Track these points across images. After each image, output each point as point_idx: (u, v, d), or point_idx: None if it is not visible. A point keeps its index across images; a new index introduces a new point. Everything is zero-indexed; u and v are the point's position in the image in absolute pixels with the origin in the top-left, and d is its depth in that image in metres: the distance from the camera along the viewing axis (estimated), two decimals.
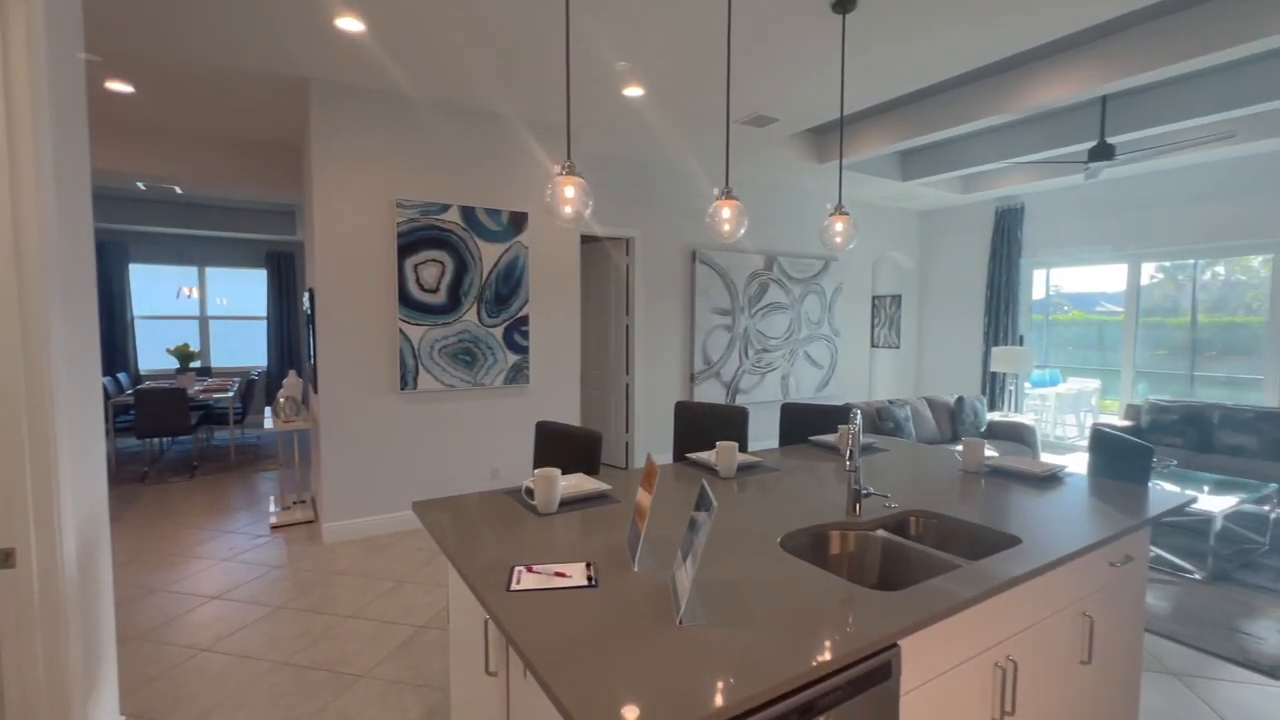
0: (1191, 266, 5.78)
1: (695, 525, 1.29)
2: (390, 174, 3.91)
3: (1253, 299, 5.46)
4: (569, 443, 2.51)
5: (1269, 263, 5.28)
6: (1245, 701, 2.30)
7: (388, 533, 4.05)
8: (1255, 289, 5.44)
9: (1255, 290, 5.44)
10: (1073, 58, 3.80)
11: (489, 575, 1.42)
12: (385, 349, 3.96)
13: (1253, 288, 5.46)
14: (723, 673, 1.03)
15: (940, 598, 1.30)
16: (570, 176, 2.09)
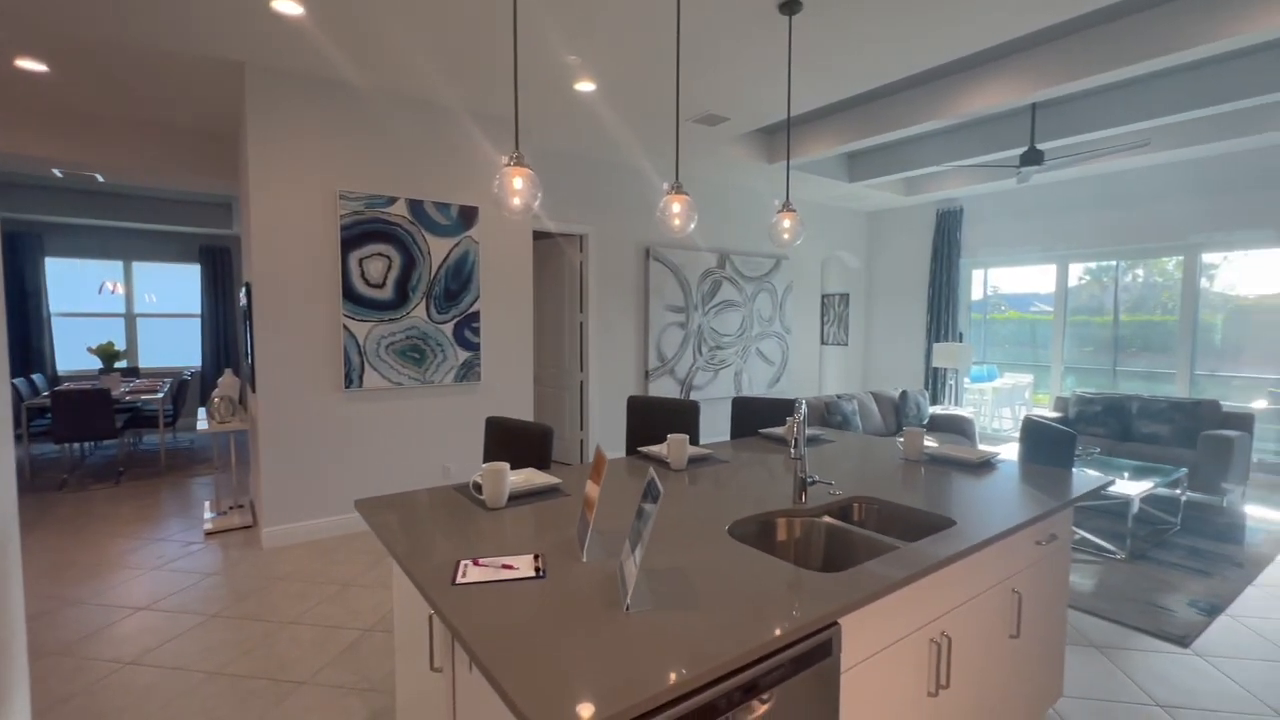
0: (1114, 269, 6.15)
1: (643, 514, 1.30)
2: (332, 165, 3.78)
3: (1167, 299, 5.86)
4: (520, 438, 2.48)
5: (1181, 265, 5.67)
6: (1158, 669, 2.47)
7: (332, 536, 3.91)
8: (1170, 290, 5.83)
9: (1169, 291, 5.84)
10: (1004, 67, 3.99)
11: (434, 571, 1.39)
12: (328, 346, 3.82)
13: (1167, 289, 5.86)
14: (668, 656, 1.04)
15: (878, 578, 1.35)
16: (518, 168, 2.07)
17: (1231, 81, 4.00)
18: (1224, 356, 5.53)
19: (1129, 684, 2.37)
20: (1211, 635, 2.73)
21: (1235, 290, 5.48)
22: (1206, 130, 4.84)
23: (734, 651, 1.05)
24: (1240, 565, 3.45)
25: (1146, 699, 2.28)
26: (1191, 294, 5.58)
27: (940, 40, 3.29)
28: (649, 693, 0.94)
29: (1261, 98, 3.95)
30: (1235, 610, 2.96)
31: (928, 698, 1.52)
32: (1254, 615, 2.91)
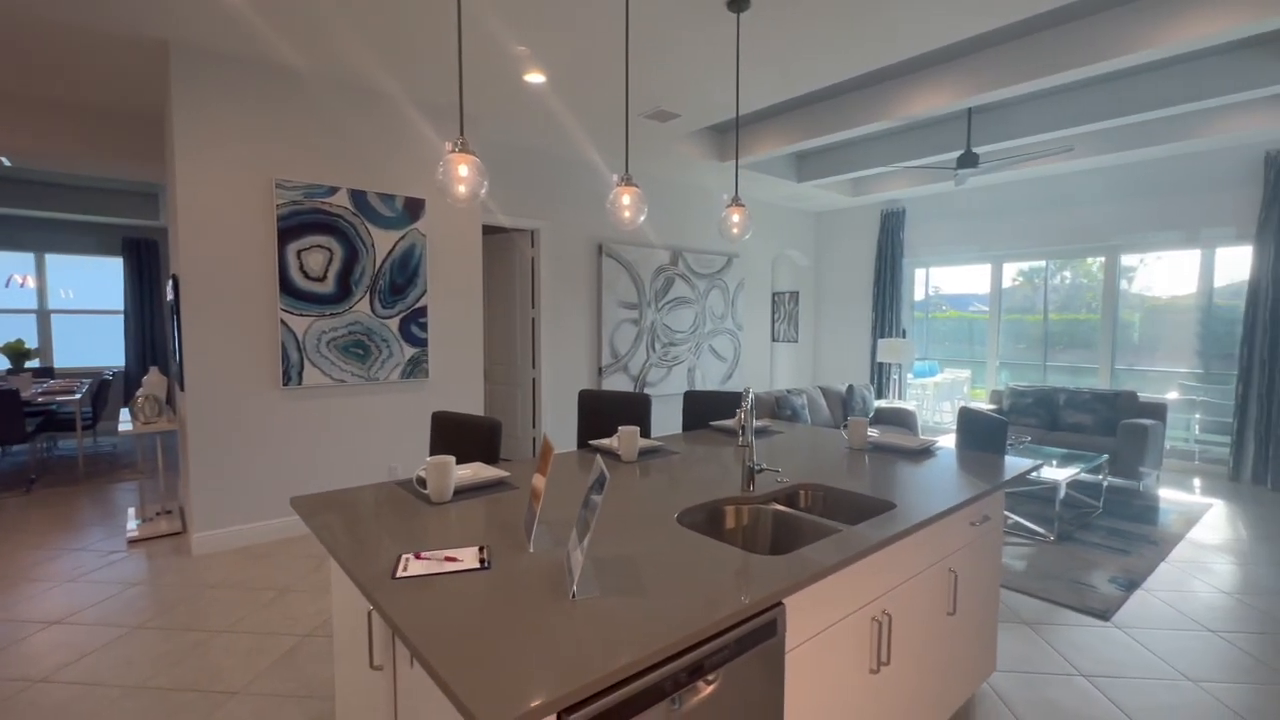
0: (1044, 270, 6.49)
1: (590, 503, 1.29)
2: (268, 152, 3.61)
3: (1091, 299, 6.23)
4: (468, 432, 2.42)
5: (1103, 267, 6.03)
6: (1082, 641, 2.62)
7: (270, 540, 3.74)
8: (1094, 290, 6.20)
9: (1093, 291, 6.21)
10: (942, 72, 4.15)
11: (373, 566, 1.34)
12: (265, 341, 3.65)
13: (1091, 290, 6.23)
14: (614, 640, 1.03)
15: (821, 559, 1.37)
16: (463, 154, 2.02)
17: (1147, 92, 4.28)
18: (1141, 352, 5.91)
19: (1056, 656, 2.50)
20: (1129, 608, 2.91)
21: (1150, 291, 5.88)
22: (1125, 138, 5.17)
23: (679, 634, 1.05)
24: (1155, 543, 3.70)
25: (1072, 669, 2.41)
26: (1112, 293, 5.95)
27: (882, 43, 3.39)
28: (593, 677, 0.93)
29: (1173, 108, 4.24)
30: (1150, 585, 3.17)
31: (869, 674, 1.56)
32: (1166, 589, 3.12)
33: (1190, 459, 5.60)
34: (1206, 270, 5.52)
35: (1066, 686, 2.30)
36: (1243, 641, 2.62)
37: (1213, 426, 5.60)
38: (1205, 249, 5.47)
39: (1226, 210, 5.22)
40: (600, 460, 1.34)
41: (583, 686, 0.91)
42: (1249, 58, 3.93)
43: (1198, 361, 5.62)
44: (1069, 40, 3.59)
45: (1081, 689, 2.29)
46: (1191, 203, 5.38)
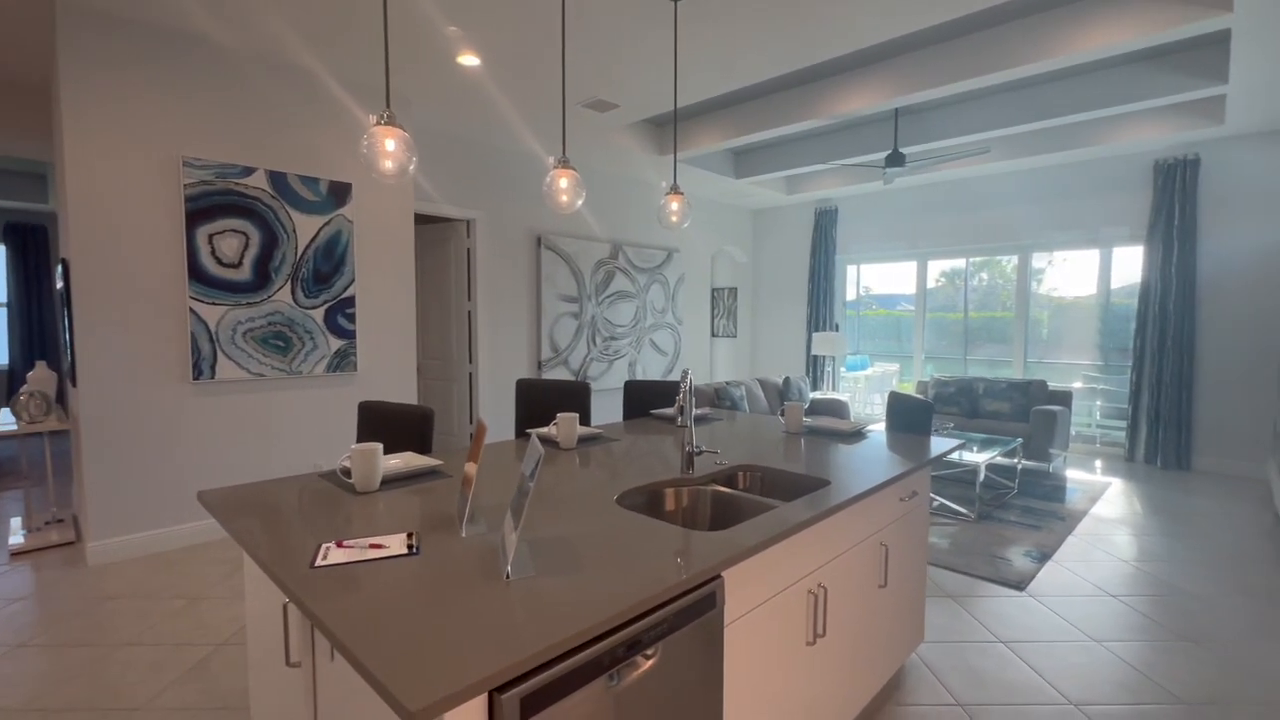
0: (964, 271, 6.87)
1: (525, 483, 1.24)
2: (175, 127, 3.34)
3: (1005, 298, 6.65)
4: (398, 422, 2.31)
5: (1016, 269, 6.43)
6: (1001, 611, 2.77)
7: (179, 547, 3.46)
8: (1007, 290, 6.62)
9: (1007, 291, 6.62)
10: (871, 73, 4.31)
11: (290, 556, 1.25)
12: (171, 332, 3.37)
13: (1006, 289, 6.65)
14: (549, 617, 0.99)
15: (759, 532, 1.38)
16: (390, 127, 1.92)
17: (1053, 100, 4.59)
18: (1049, 346, 6.35)
19: (978, 626, 2.64)
20: (1042, 579, 3.10)
21: (1056, 291, 6.33)
22: (1034, 144, 5.53)
23: (616, 608, 1.02)
24: (1063, 519, 3.97)
25: (992, 637, 2.54)
26: (1024, 290, 6.36)
27: (813, 40, 3.48)
28: (524, 654, 0.89)
29: (1075, 116, 4.56)
30: (1059, 557, 3.39)
31: (806, 646, 1.58)
32: (1074, 560, 3.35)
33: (1092, 442, 6.06)
34: (1104, 270, 5.98)
35: (988, 653, 2.42)
36: (1139, 604, 2.84)
37: (1111, 412, 6.08)
38: (1104, 249, 5.93)
39: (1122, 214, 5.68)
40: (535, 439, 1.30)
41: (514, 664, 0.87)
42: (1140, 72, 4.28)
43: (1097, 354, 6.08)
44: (986, 46, 3.80)
45: (1001, 654, 2.42)
46: (1092, 206, 5.82)
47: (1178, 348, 5.26)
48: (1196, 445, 5.31)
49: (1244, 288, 5.09)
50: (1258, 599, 2.90)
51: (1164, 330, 5.35)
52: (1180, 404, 5.27)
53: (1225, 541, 3.63)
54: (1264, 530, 3.84)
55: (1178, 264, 5.24)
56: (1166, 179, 5.30)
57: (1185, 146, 5.28)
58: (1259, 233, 5.01)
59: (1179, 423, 5.28)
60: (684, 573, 1.16)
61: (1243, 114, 4.54)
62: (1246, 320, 5.09)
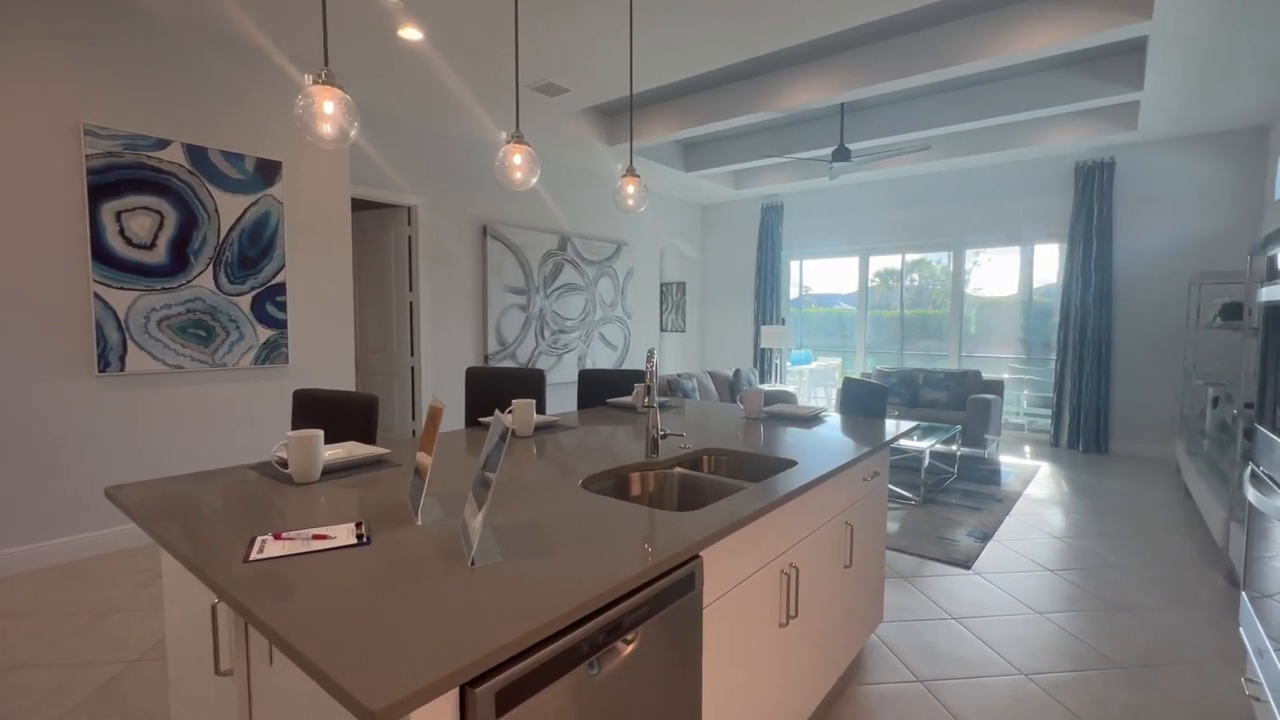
0: (899, 271, 7.12)
1: (489, 462, 1.14)
2: (73, 91, 3.01)
3: (936, 296, 6.97)
4: (339, 411, 2.14)
5: (949, 270, 6.72)
6: (949, 589, 2.85)
7: (86, 557, 3.13)
8: (939, 289, 6.94)
9: (938, 290, 6.94)
10: (819, 68, 4.38)
11: (219, 553, 1.11)
12: (72, 319, 3.04)
13: (936, 289, 6.96)
14: (521, 605, 0.90)
15: (736, 510, 1.33)
16: (328, 87, 1.76)
17: (985, 102, 4.79)
18: (977, 341, 6.66)
19: (930, 604, 2.70)
20: (986, 557, 3.22)
21: (982, 291, 6.66)
22: (968, 144, 5.77)
23: (594, 591, 0.95)
24: (1000, 501, 4.15)
25: (944, 614, 2.60)
26: (959, 284, 6.64)
27: (764, 29, 3.49)
28: (497, 644, 0.80)
29: (1005, 117, 4.78)
30: (1000, 536, 3.54)
31: (779, 628, 1.55)
32: (1013, 538, 3.50)
33: (1020, 429, 6.39)
34: (1027, 268, 6.33)
35: (941, 630, 2.48)
36: (1073, 577, 2.99)
37: (1037, 401, 6.44)
38: (1028, 248, 6.26)
39: (1047, 213, 6.01)
40: (500, 415, 1.20)
41: (487, 655, 0.78)
42: (1064, 77, 4.52)
43: (1020, 348, 6.43)
44: (927, 44, 3.92)
45: (954, 630, 2.47)
46: (1020, 206, 6.13)
47: (1096, 340, 5.62)
48: (1113, 430, 5.69)
49: (1153, 283, 5.49)
50: (1175, 567, 3.10)
51: (1084, 323, 5.70)
52: (1099, 392, 5.62)
53: (1143, 516, 3.89)
54: (1175, 503, 4.14)
55: (1096, 261, 5.59)
56: (1086, 181, 5.64)
57: (1102, 150, 5.64)
58: (1167, 232, 5.41)
59: (1098, 410, 5.63)
60: (663, 553, 1.10)
61: (1154, 120, 4.88)
62: (1155, 313, 5.49)
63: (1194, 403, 4.86)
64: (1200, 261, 5.27)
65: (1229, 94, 4.33)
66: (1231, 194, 5.12)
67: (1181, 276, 5.36)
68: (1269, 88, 4.21)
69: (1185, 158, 5.30)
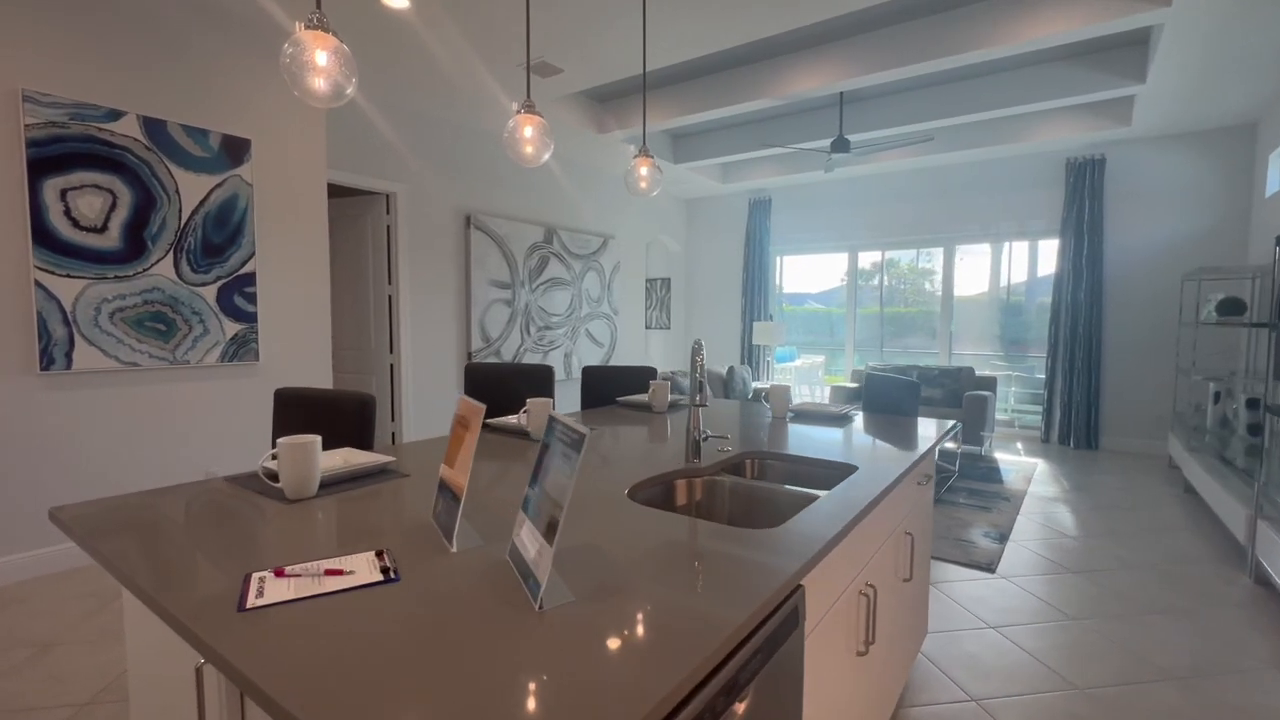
0: (880, 270, 7.07)
1: (549, 473, 0.92)
2: (10, 53, 2.65)
3: (911, 293, 6.97)
4: (328, 412, 1.88)
5: (917, 267, 6.70)
6: (979, 594, 2.71)
7: (26, 579, 2.77)
8: (914, 289, 6.94)
9: (913, 289, 6.95)
10: (818, 54, 4.23)
11: (203, 595, 0.86)
12: (8, 310, 2.68)
13: (912, 288, 6.96)
14: (617, 666, 0.69)
15: (826, 525, 1.13)
16: (321, 33, 1.51)
17: (981, 95, 4.72)
18: (957, 338, 6.65)
19: (963, 611, 2.56)
20: (1007, 559, 3.11)
21: (967, 287, 6.67)
22: (959, 139, 5.72)
23: (709, 645, 0.74)
24: (1007, 499, 4.07)
25: (980, 623, 2.46)
26: (949, 281, 6.60)
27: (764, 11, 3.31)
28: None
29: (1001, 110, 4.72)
30: (1016, 536, 3.43)
31: (857, 658, 1.36)
32: (1029, 539, 3.40)
33: (1010, 425, 6.39)
34: (1007, 265, 6.32)
35: (981, 640, 2.33)
36: (1098, 578, 2.89)
37: (1024, 398, 6.44)
38: (1018, 243, 6.25)
39: (1036, 210, 6.00)
40: (565, 419, 0.98)
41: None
42: (1061, 70, 4.47)
43: (1007, 344, 6.42)
44: (931, 32, 3.80)
45: (994, 640, 2.33)
46: (1012, 201, 6.11)
47: (1087, 336, 5.62)
48: (1104, 426, 5.71)
49: (1143, 279, 5.51)
50: (1195, 565, 3.03)
51: (1075, 320, 5.70)
52: (1090, 388, 5.63)
53: (1147, 514, 3.84)
54: (1176, 500, 4.12)
55: (1088, 257, 5.59)
56: (1078, 177, 5.64)
57: (1093, 146, 5.64)
58: (1157, 228, 5.44)
59: (1089, 406, 5.64)
60: (763, 585, 0.89)
61: (1148, 116, 4.87)
62: (1145, 309, 5.51)
63: (1188, 398, 4.88)
64: (1190, 258, 5.31)
65: (1224, 90, 4.33)
66: (1220, 191, 5.17)
67: (1171, 272, 5.39)
68: (1259, 85, 4.23)
69: (1175, 155, 5.33)
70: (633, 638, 0.74)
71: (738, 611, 0.81)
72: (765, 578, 0.92)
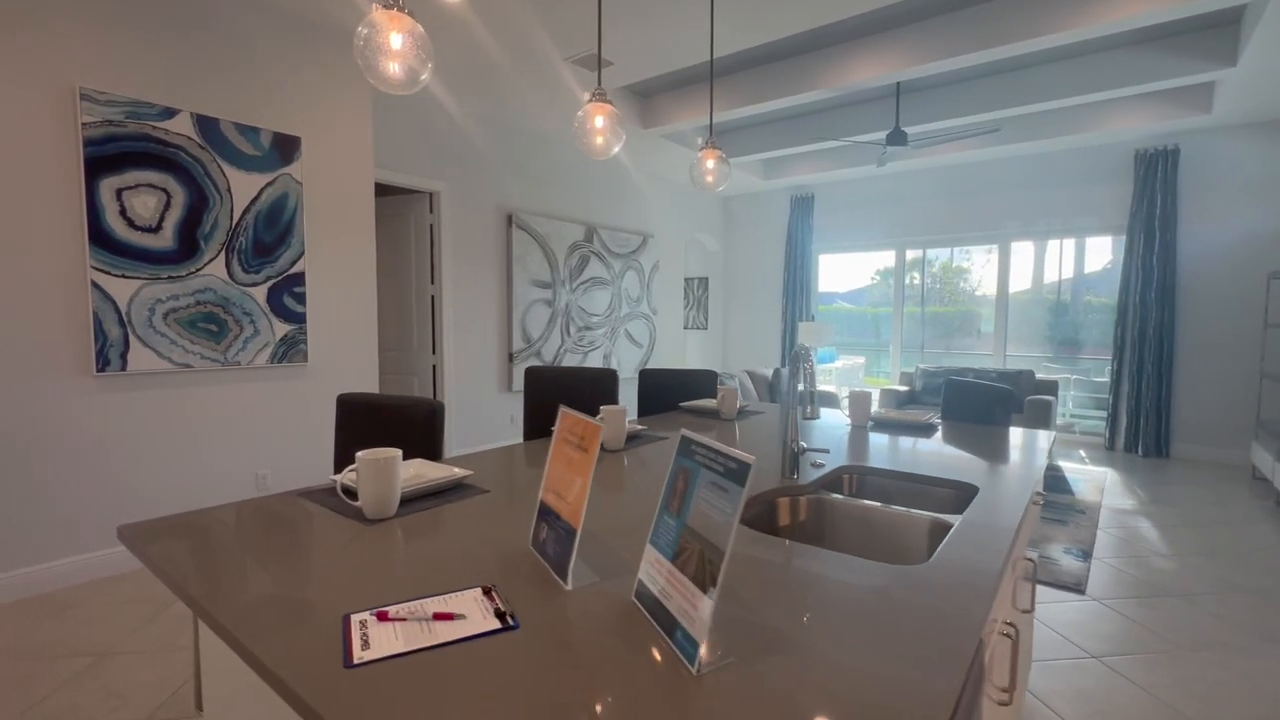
0: (921, 266, 6.82)
1: (689, 499, 0.79)
2: (69, 49, 2.62)
3: (945, 293, 6.72)
4: (394, 420, 1.78)
5: (952, 266, 6.43)
6: (1072, 619, 2.51)
7: (80, 584, 2.74)
8: (951, 287, 6.68)
9: (951, 287, 6.69)
10: (879, 42, 4.03)
11: (302, 643, 0.74)
12: (66, 311, 2.65)
13: (943, 286, 6.70)
14: None
15: (981, 559, 0.98)
16: (396, 13, 1.41)
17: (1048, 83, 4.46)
18: (1010, 339, 6.36)
19: (1058, 638, 2.36)
20: (1095, 579, 2.89)
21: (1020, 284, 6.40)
22: (1020, 129, 5.44)
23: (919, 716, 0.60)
24: (1083, 512, 3.82)
25: (1081, 652, 2.26)
26: (1004, 279, 6.31)
27: None
28: None
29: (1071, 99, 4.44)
30: (1099, 553, 3.20)
31: (999, 708, 1.20)
32: (1113, 556, 3.17)
33: (1070, 431, 6.08)
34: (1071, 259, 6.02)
35: (1087, 672, 2.14)
36: (1204, 603, 2.66)
37: (1083, 402, 6.13)
38: (1078, 239, 5.94)
39: (1098, 204, 5.69)
40: (711, 442, 0.84)
41: None
42: (1136, 55, 4.19)
43: (1057, 346, 6.11)
44: (997, 16, 3.58)
45: (1100, 673, 2.14)
46: (1073, 196, 5.81)
47: (1157, 338, 5.30)
48: (1175, 433, 5.38)
49: (1222, 278, 5.17)
50: None
51: (1144, 320, 5.39)
52: (1160, 393, 5.31)
53: (1241, 530, 3.56)
54: (1270, 514, 3.83)
55: (1159, 254, 5.27)
56: (1148, 169, 5.33)
57: (1165, 137, 5.32)
58: (1238, 223, 5.10)
59: (1159, 411, 5.32)
60: (949, 637, 0.75)
61: (1232, 103, 4.56)
62: (1224, 310, 5.18)
63: (1276, 405, 4.56)
64: (1276, 255, 4.97)
65: None
66: None
67: (1254, 271, 5.05)
68: None
69: (1260, 143, 4.99)
70: (819, 711, 0.61)
71: (944, 677, 0.67)
72: (946, 627, 0.78)
